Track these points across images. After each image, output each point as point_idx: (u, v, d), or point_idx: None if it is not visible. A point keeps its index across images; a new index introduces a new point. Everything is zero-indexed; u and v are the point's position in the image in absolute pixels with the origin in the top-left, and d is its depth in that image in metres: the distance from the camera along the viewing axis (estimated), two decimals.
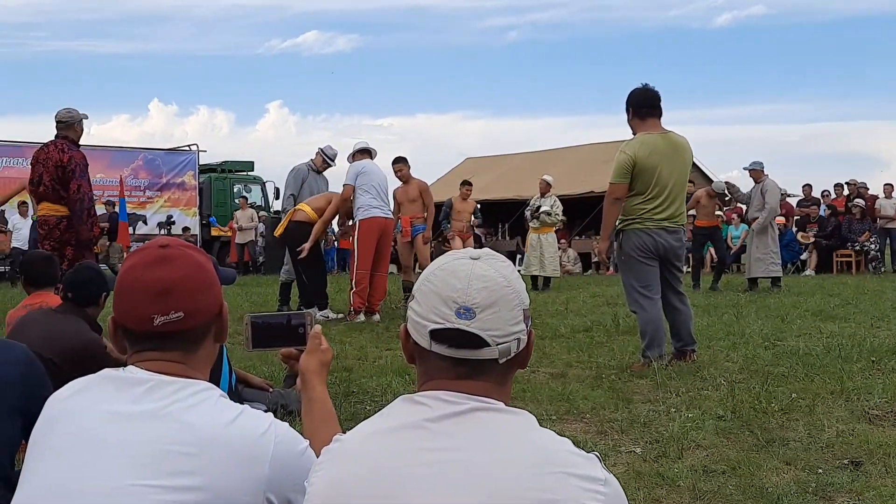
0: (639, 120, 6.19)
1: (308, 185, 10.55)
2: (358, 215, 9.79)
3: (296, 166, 10.75)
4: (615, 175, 6.10)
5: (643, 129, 6.15)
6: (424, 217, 11.25)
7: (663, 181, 6.05)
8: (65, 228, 7.55)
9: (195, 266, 1.69)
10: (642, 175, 6.01)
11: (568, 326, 8.77)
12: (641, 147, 6.04)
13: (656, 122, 6.21)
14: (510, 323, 1.43)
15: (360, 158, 10.09)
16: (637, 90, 6.24)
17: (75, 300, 4.14)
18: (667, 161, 6.07)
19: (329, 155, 10.77)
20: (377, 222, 9.78)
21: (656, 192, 6.05)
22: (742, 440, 4.26)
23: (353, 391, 5.56)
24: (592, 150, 24.02)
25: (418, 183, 11.32)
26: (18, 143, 19.90)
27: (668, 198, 6.09)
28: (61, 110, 7.71)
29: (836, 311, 9.63)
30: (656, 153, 6.04)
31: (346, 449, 1.46)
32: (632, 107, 6.22)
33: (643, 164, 6.00)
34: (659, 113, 6.24)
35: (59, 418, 1.64)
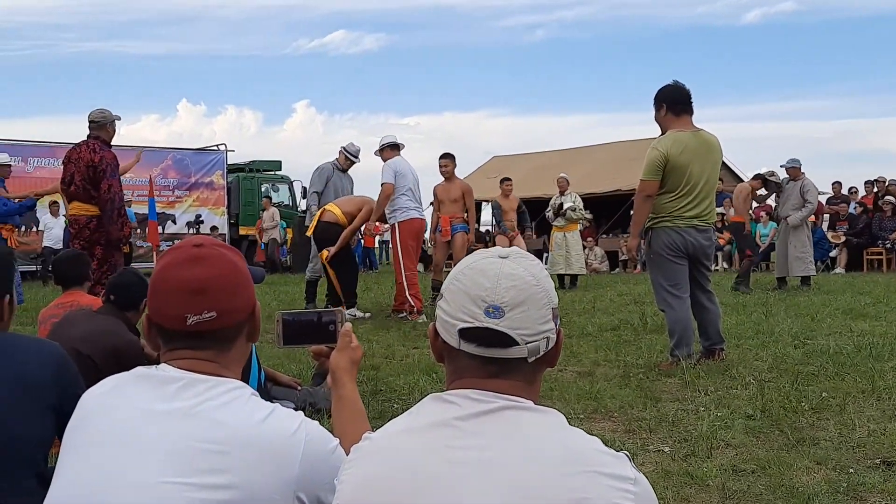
0: (673, 116, 6.15)
1: (333, 185, 10.58)
2: (396, 217, 9.78)
3: (321, 165, 10.78)
4: (646, 172, 6.07)
5: (676, 126, 6.11)
6: (464, 218, 11.22)
7: (694, 179, 6.01)
8: (95, 228, 7.64)
9: (229, 266, 1.71)
10: (674, 172, 5.98)
11: (595, 325, 8.74)
12: (674, 144, 6.01)
13: (689, 120, 6.18)
14: (539, 322, 1.43)
15: (390, 155, 10.00)
16: (671, 86, 6.20)
17: (116, 303, 4.21)
18: (698, 159, 6.03)
19: (352, 152, 10.77)
20: (416, 223, 9.86)
21: (687, 189, 6.01)
22: (772, 439, 4.23)
23: (380, 389, 5.58)
24: (619, 147, 23.92)
25: (461, 184, 11.30)
26: (50, 144, 20.12)
27: (699, 196, 6.06)
28: (94, 111, 7.83)
29: (866, 310, 9.53)
30: (688, 151, 6.01)
31: (376, 447, 1.47)
32: (666, 103, 6.17)
33: (675, 161, 5.96)
34: (691, 110, 6.21)
35: (93, 415, 1.67)
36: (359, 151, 10.84)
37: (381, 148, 10.11)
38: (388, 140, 10.13)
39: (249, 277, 1.77)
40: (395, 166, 9.78)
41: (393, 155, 9.99)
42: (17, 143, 19.69)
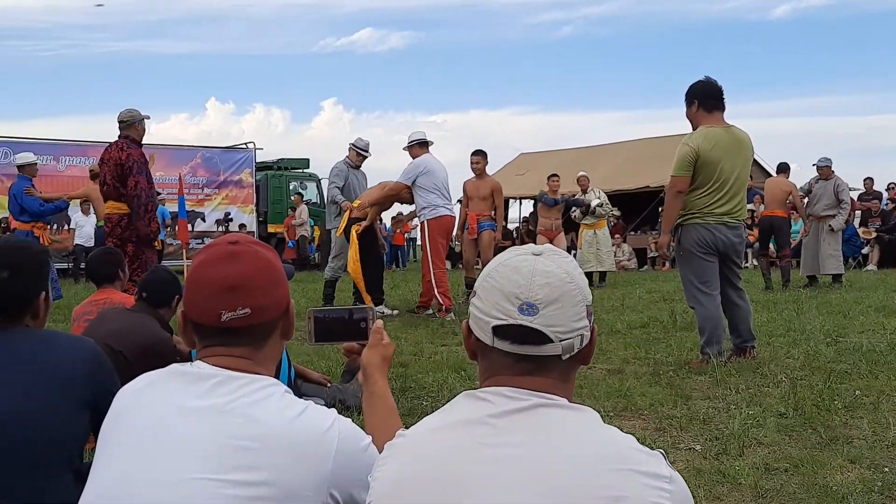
0: (705, 112, 6.10)
1: (350, 183, 10.49)
2: (425, 215, 9.78)
3: (335, 165, 10.67)
4: (677, 168, 6.03)
5: (707, 122, 6.07)
6: (491, 215, 11.19)
7: (725, 175, 5.96)
8: (125, 226, 7.78)
9: (263, 263, 1.72)
10: (705, 168, 5.94)
11: (624, 322, 8.70)
12: (705, 140, 5.96)
13: (720, 116, 6.13)
14: (573, 319, 1.43)
15: (419, 152, 9.96)
16: (702, 82, 6.16)
17: (149, 300, 4.25)
18: (729, 155, 5.98)
19: (361, 147, 10.63)
20: (445, 220, 9.86)
21: (718, 185, 5.97)
22: (805, 438, 4.20)
23: (409, 387, 5.59)
24: (647, 144, 23.77)
25: (491, 181, 11.26)
26: (82, 143, 20.32)
27: (730, 192, 6.00)
28: (123, 111, 7.97)
29: None
30: (719, 147, 5.96)
31: (410, 444, 1.47)
32: (697, 98, 6.13)
33: (706, 157, 5.92)
34: (723, 106, 6.16)
35: (128, 411, 1.68)
36: (368, 146, 10.71)
37: (410, 145, 10.06)
38: (417, 137, 10.07)
39: (284, 275, 1.78)
40: (420, 167, 9.75)
41: (422, 153, 9.96)
42: (49, 143, 19.90)
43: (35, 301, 2.27)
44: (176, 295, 4.28)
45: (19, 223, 10.80)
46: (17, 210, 10.77)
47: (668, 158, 22.01)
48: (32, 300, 2.27)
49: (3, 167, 18.60)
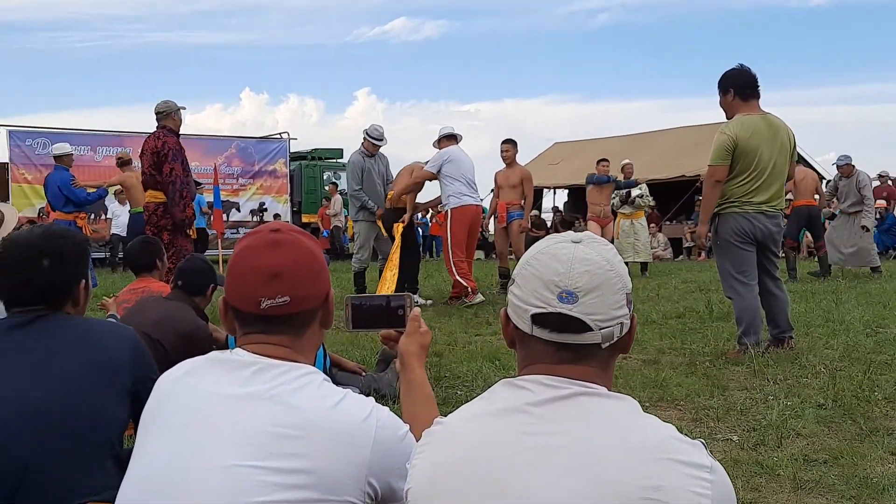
0: (741, 101, 6.03)
1: (368, 173, 10.41)
2: (449, 204, 9.80)
3: (350, 158, 10.65)
4: (715, 157, 5.96)
5: (743, 111, 6.00)
6: (521, 204, 11.16)
7: (763, 163, 5.89)
8: (161, 214, 8.00)
9: (305, 252, 1.72)
10: (743, 157, 5.87)
11: (660, 312, 8.64)
12: (742, 128, 5.89)
13: (756, 104, 6.05)
14: (613, 307, 1.42)
15: (446, 145, 10.02)
16: (737, 70, 6.08)
17: (184, 289, 4.29)
18: (767, 143, 5.91)
19: (374, 136, 10.47)
20: (469, 210, 9.83)
21: (756, 174, 5.89)
22: (844, 429, 4.15)
23: (444, 376, 5.59)
24: (684, 133, 23.57)
25: (521, 170, 11.21)
26: (118, 133, 20.52)
27: (768, 181, 5.93)
28: (159, 102, 8.21)
29: None
30: (757, 135, 5.89)
31: (448, 432, 1.46)
32: (733, 87, 6.05)
33: (744, 145, 5.85)
34: (758, 94, 6.08)
35: (170, 398, 1.69)
36: (381, 132, 10.54)
37: (439, 139, 10.12)
38: (446, 131, 10.13)
39: (325, 264, 1.78)
40: (444, 156, 9.77)
41: (448, 145, 10.00)
42: (86, 133, 20.11)
43: (76, 289, 2.30)
44: (211, 283, 4.31)
45: (61, 213, 10.95)
46: (60, 201, 10.94)
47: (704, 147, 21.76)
48: (73, 288, 2.29)
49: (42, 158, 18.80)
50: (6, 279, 2.25)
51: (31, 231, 2.30)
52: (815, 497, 3.26)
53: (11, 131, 18.96)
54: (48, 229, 2.30)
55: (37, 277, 2.21)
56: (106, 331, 2.31)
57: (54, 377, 2.12)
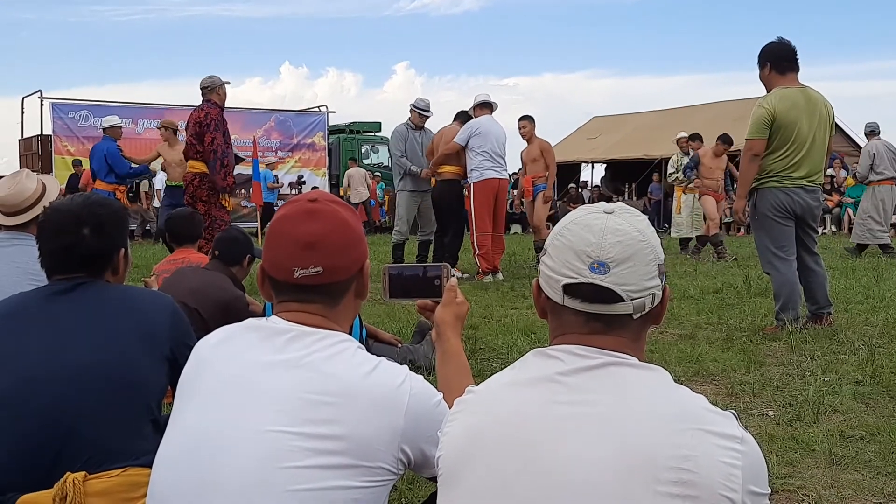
0: (778, 74, 5.95)
1: (411, 145, 10.48)
2: (472, 178, 9.77)
3: (396, 129, 10.69)
4: (753, 130, 5.89)
5: (781, 84, 5.92)
6: (545, 176, 11.12)
7: (802, 137, 5.81)
8: (198, 184, 8.23)
9: (340, 223, 1.73)
10: (782, 130, 5.79)
11: (697, 288, 8.59)
12: (781, 101, 5.81)
13: (794, 78, 5.97)
14: (645, 278, 1.42)
15: (480, 113, 9.94)
16: (775, 43, 6.00)
17: (221, 259, 4.34)
18: (806, 116, 5.83)
19: (422, 107, 10.60)
20: (491, 184, 9.76)
21: (795, 148, 5.82)
22: (882, 406, 4.11)
23: (479, 348, 5.62)
24: (723, 107, 23.27)
25: (540, 142, 11.15)
26: (159, 106, 20.68)
27: (808, 155, 5.85)
28: (205, 77, 8.44)
29: None
30: (796, 108, 5.81)
31: (480, 400, 1.48)
32: (770, 60, 5.98)
33: (783, 118, 5.78)
34: (797, 68, 6.00)
35: (206, 364, 1.72)
36: (429, 105, 10.68)
37: (474, 106, 10.06)
38: (481, 98, 10.06)
39: (361, 235, 1.79)
40: (472, 128, 9.71)
41: (482, 114, 9.93)
42: (128, 106, 20.30)
43: (115, 257, 2.34)
44: (248, 254, 4.36)
45: (103, 183, 11.12)
46: (104, 170, 11.13)
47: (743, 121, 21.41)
48: (113, 256, 2.33)
49: (84, 130, 19.05)
50: (47, 246, 2.29)
51: (71, 200, 2.33)
52: (850, 473, 3.24)
53: (54, 104, 19.20)
54: (88, 198, 2.34)
55: (77, 245, 2.25)
56: (145, 298, 2.35)
57: (94, 343, 2.16)
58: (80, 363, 2.13)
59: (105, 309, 2.24)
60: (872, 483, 3.13)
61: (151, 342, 2.24)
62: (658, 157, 21.93)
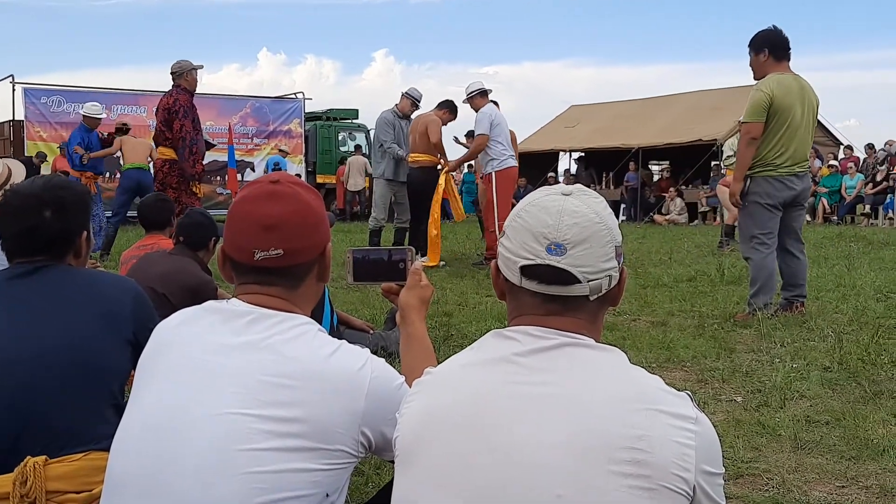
0: (774, 61, 6.02)
1: (398, 132, 10.44)
2: (494, 167, 9.65)
3: (381, 114, 10.61)
4: (750, 114, 5.94)
5: (777, 71, 5.99)
6: None
7: (796, 123, 5.89)
8: (167, 171, 8.25)
9: (301, 205, 1.72)
10: (778, 115, 5.85)
11: (671, 276, 8.63)
12: (779, 86, 5.88)
13: (787, 66, 6.05)
14: (602, 259, 1.42)
15: (481, 102, 9.80)
16: (772, 31, 6.08)
17: (187, 243, 4.31)
18: (800, 103, 5.92)
19: (416, 97, 10.60)
20: (512, 172, 9.82)
21: (789, 133, 5.88)
22: (848, 392, 4.16)
23: (451, 335, 5.63)
24: (700, 96, 23.33)
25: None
26: (134, 91, 20.51)
27: (801, 141, 5.94)
28: (174, 63, 8.36)
29: None
30: (791, 94, 5.89)
31: (437, 380, 1.48)
32: (769, 47, 6.04)
33: (780, 103, 5.84)
34: (790, 56, 6.09)
35: (165, 347, 1.71)
36: (421, 98, 10.69)
37: (471, 95, 9.86)
38: (478, 86, 9.87)
39: (323, 217, 1.77)
40: (491, 116, 9.63)
41: (484, 103, 9.81)
42: (102, 91, 20.10)
43: (77, 240, 2.32)
44: (213, 237, 4.33)
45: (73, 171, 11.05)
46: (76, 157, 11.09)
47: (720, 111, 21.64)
48: (75, 239, 2.31)
49: (57, 115, 18.87)
50: (8, 229, 2.26)
51: (32, 182, 2.31)
52: (814, 457, 3.27)
53: (27, 89, 18.99)
54: (49, 180, 2.31)
55: (39, 228, 2.23)
56: (108, 281, 2.34)
57: (56, 326, 2.14)
58: (42, 347, 2.12)
59: (67, 292, 2.22)
60: (836, 467, 3.16)
61: (114, 325, 2.22)
62: (635, 146, 21.99)
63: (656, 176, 24.77)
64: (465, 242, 13.52)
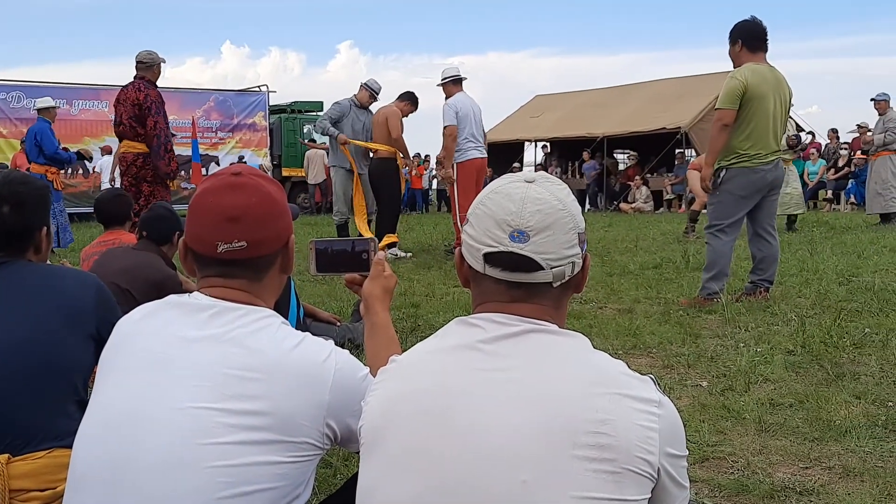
0: (748, 51, 6.10)
1: (350, 121, 10.31)
2: (456, 158, 9.61)
3: (338, 101, 10.53)
4: (724, 101, 6.01)
5: (751, 61, 6.06)
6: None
7: (770, 111, 5.97)
8: (141, 164, 7.91)
9: (264, 196, 1.70)
10: (752, 103, 5.92)
11: (637, 263, 8.70)
12: (753, 74, 5.95)
13: (763, 57, 6.13)
14: (564, 246, 1.42)
15: (453, 90, 9.72)
16: (749, 22, 6.16)
17: (150, 238, 4.26)
18: (774, 93, 5.99)
19: (375, 88, 10.55)
20: (475, 164, 9.71)
21: (763, 122, 5.95)
22: (811, 374, 4.21)
23: (419, 325, 5.62)
24: (663, 85, 23.48)
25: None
26: (95, 86, 20.29)
27: (774, 129, 6.01)
28: (142, 52, 8.09)
29: None
30: (766, 83, 5.97)
31: (401, 368, 1.48)
32: (742, 38, 6.12)
33: (754, 91, 5.91)
34: (766, 48, 6.17)
35: (128, 341, 1.70)
36: (381, 89, 10.65)
37: (444, 82, 9.78)
38: (452, 74, 9.78)
39: (286, 209, 1.76)
40: (455, 106, 9.56)
41: (456, 91, 9.73)
42: (63, 86, 19.86)
43: (37, 235, 2.29)
44: (176, 231, 4.29)
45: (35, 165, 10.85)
46: (34, 152, 10.84)
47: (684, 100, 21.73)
48: (34, 234, 2.28)
49: (17, 111, 18.64)
50: None
51: None
52: (777, 439, 3.31)
53: None
54: (6, 176, 2.28)
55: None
56: (69, 276, 2.31)
57: (17, 322, 2.12)
58: (2, 343, 2.09)
59: (27, 288, 2.19)
60: (799, 448, 3.20)
61: (76, 321, 2.20)
62: (601, 134, 22.10)
63: (622, 165, 24.92)
64: (433, 233, 13.54)
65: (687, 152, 20.98)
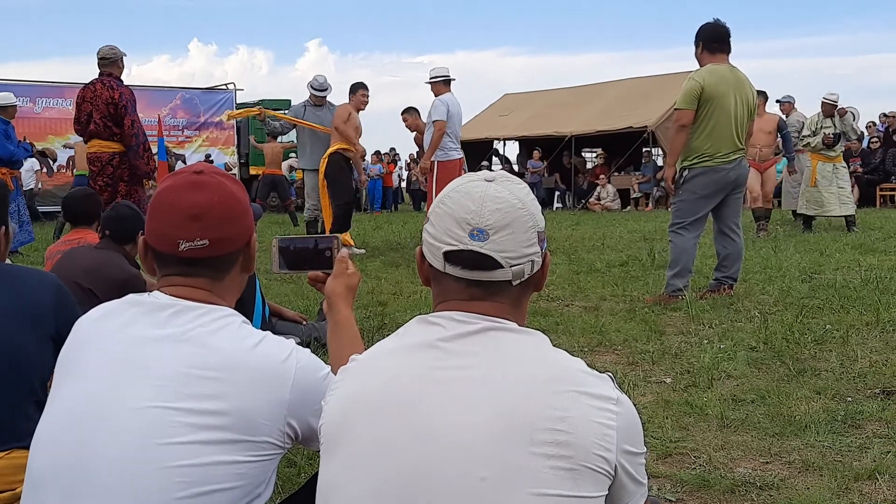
0: (708, 54, 6.21)
1: (306, 118, 10.58)
2: (438, 156, 9.68)
3: (293, 106, 10.83)
4: (682, 101, 6.10)
5: (711, 63, 6.15)
6: None
7: (731, 110, 6.05)
8: (118, 164, 7.70)
9: (226, 195, 1.70)
10: (710, 103, 6.00)
11: (603, 261, 8.75)
12: (710, 75, 6.05)
13: (724, 59, 6.22)
14: (524, 245, 1.43)
15: (442, 90, 9.80)
16: (709, 25, 6.27)
17: (113, 237, 4.23)
18: (734, 92, 6.08)
19: (316, 87, 10.64)
20: (455, 164, 9.77)
21: (724, 122, 6.04)
22: (773, 370, 4.26)
23: (386, 324, 5.61)
24: (631, 84, 23.62)
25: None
26: (59, 84, 20.05)
27: (736, 128, 6.09)
28: (103, 47, 7.85)
29: (876, 245, 9.52)
30: (725, 83, 6.06)
31: (362, 366, 1.48)
32: (703, 41, 6.23)
33: (712, 91, 5.99)
34: (728, 49, 6.25)
35: (86, 341, 1.68)
36: (323, 82, 10.72)
37: (434, 81, 9.85)
38: (442, 74, 9.85)
39: (247, 207, 1.76)
40: (447, 103, 9.64)
41: (444, 91, 9.81)
42: (26, 84, 19.61)
43: None
44: (139, 230, 4.26)
45: None
46: None
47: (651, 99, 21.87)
48: None
49: None
50: None
51: None
52: (739, 435, 3.36)
53: None
54: None
55: None
56: (27, 276, 2.28)
57: None
58: None
59: None
60: (760, 444, 3.24)
61: (35, 321, 2.18)
62: (569, 133, 22.18)
63: (590, 163, 25.02)
64: (401, 231, 13.53)
65: (653, 151, 21.15)
